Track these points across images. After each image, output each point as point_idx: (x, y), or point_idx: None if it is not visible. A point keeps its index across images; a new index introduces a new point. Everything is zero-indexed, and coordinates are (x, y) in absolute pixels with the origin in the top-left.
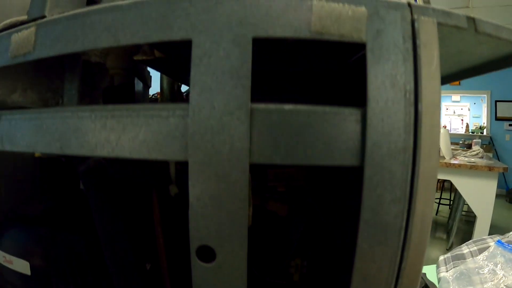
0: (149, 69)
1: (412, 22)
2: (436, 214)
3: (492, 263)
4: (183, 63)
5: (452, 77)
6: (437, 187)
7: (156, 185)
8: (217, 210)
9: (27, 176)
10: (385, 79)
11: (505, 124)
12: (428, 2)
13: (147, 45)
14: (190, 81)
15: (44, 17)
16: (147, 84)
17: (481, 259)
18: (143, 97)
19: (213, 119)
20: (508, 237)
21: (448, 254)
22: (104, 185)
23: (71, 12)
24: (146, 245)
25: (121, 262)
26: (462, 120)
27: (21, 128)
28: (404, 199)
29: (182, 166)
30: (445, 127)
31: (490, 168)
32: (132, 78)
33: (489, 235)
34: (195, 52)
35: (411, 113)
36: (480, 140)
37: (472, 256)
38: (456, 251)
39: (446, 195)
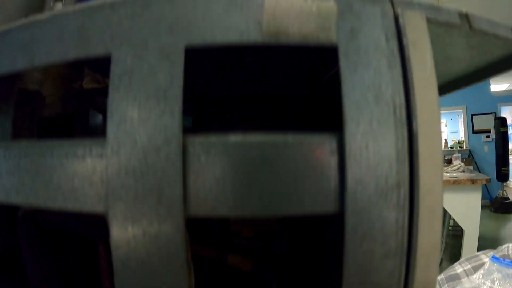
0: None
1: (396, 18)
2: None
3: (489, 280)
4: None
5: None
6: None
7: (97, 237)
8: (147, 280)
9: None
10: (366, 92)
11: (483, 136)
12: None
13: (94, 73)
14: (107, 109)
15: None
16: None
17: (477, 278)
18: (103, 131)
19: (135, 158)
20: (501, 251)
21: (442, 275)
22: (38, 234)
23: None
24: None
25: None
26: None
27: None
28: (401, 251)
29: None
30: None
31: (473, 181)
32: (72, 109)
33: (478, 246)
34: (114, 70)
35: (404, 135)
36: (460, 155)
37: (467, 275)
38: (449, 272)
39: None
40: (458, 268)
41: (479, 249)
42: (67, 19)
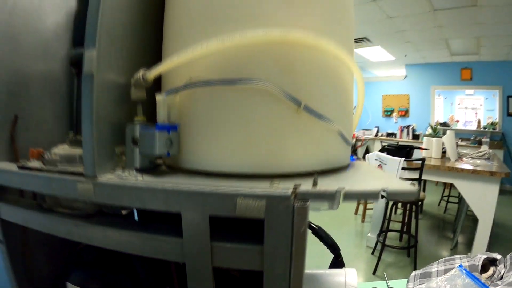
0: None
1: (293, 208)
2: (445, 212)
3: (450, 285)
4: None
5: None
6: (445, 186)
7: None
8: (200, 284)
9: None
10: (275, 237)
11: None
12: (315, 184)
13: None
14: (183, 234)
15: (95, 177)
16: None
17: (441, 280)
18: None
19: (195, 248)
20: (474, 260)
21: (420, 271)
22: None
23: (115, 182)
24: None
25: None
26: (476, 113)
27: None
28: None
29: None
30: (457, 121)
31: (492, 173)
32: None
33: (496, 234)
34: (184, 221)
35: (288, 252)
36: (488, 139)
37: (437, 276)
38: (426, 269)
39: (455, 192)
40: (434, 267)
41: (495, 238)
42: (156, 192)
